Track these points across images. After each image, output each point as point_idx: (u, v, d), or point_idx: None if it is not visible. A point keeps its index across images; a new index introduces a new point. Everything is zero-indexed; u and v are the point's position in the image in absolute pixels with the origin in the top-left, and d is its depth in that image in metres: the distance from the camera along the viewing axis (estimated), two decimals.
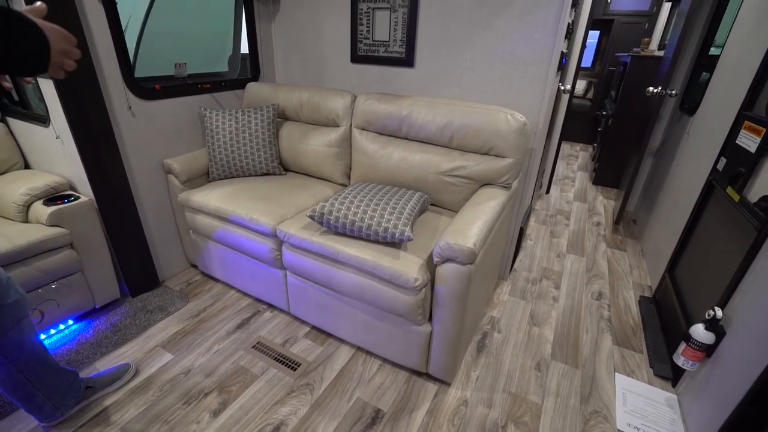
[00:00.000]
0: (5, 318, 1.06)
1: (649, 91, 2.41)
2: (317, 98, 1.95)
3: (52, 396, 1.25)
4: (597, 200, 3.34)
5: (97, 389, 1.39)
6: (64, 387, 1.28)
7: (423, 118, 1.68)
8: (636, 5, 4.67)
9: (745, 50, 1.76)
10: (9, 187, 1.66)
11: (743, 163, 1.45)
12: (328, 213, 1.41)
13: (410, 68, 1.95)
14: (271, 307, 1.87)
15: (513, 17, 1.66)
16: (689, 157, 2.14)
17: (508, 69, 1.74)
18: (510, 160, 1.56)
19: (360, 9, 1.97)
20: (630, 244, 2.62)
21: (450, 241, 1.20)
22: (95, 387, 1.39)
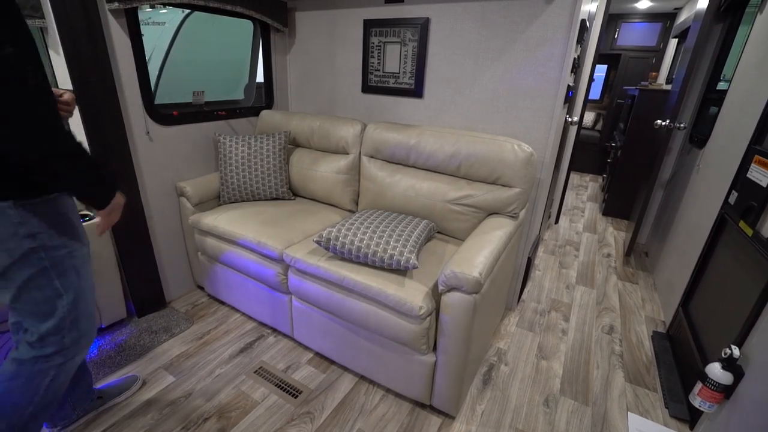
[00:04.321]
0: None
1: (658, 124, 2.43)
2: (328, 126, 2.01)
3: (73, 395, 1.26)
4: (607, 231, 3.30)
5: (106, 399, 1.39)
6: (84, 389, 1.29)
7: (431, 147, 1.71)
8: (642, 41, 4.77)
9: (752, 85, 1.78)
10: None
11: (755, 198, 1.44)
12: (335, 239, 1.42)
13: (419, 99, 2.00)
14: (275, 331, 1.86)
15: (520, 52, 1.71)
16: (700, 190, 2.12)
17: (516, 101, 1.77)
18: (517, 190, 1.56)
19: (371, 42, 2.05)
20: (642, 276, 2.56)
21: (455, 269, 1.19)
22: (104, 397, 1.39)
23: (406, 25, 1.92)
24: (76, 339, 1.04)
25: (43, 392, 1.01)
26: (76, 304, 1.01)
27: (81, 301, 1.02)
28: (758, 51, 1.82)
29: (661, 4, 4.20)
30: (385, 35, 2.00)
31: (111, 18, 1.54)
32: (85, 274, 1.03)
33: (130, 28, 1.61)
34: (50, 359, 1.01)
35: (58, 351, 1.01)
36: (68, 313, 1.00)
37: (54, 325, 0.98)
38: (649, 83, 3.97)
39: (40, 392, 1.01)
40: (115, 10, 1.54)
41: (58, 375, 1.03)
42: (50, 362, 1.01)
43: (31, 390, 0.99)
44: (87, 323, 1.06)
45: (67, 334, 1.02)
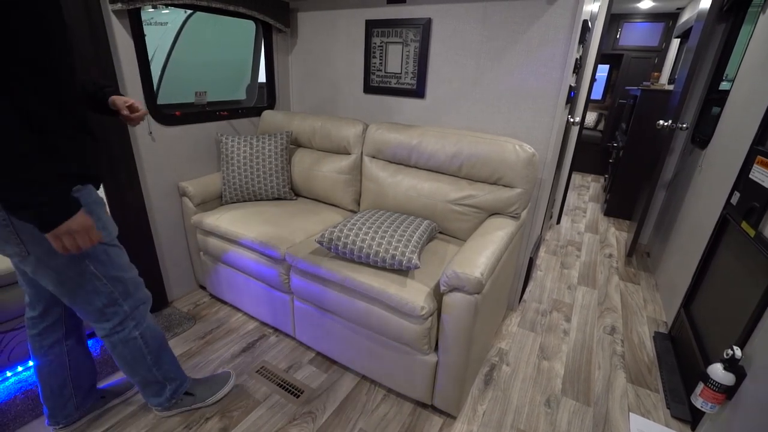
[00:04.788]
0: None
1: (660, 125, 2.42)
2: (329, 126, 2.01)
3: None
4: (609, 232, 3.30)
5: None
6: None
7: (432, 147, 1.71)
8: (645, 41, 4.76)
9: (754, 85, 1.78)
10: None
11: (757, 198, 1.43)
12: (337, 239, 1.42)
13: (421, 99, 2.00)
14: (277, 331, 1.86)
15: (522, 52, 1.71)
16: (702, 190, 2.12)
17: (517, 101, 1.77)
18: (518, 190, 1.56)
19: (374, 43, 2.05)
20: (643, 277, 2.56)
21: (457, 269, 1.20)
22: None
23: (408, 26, 1.92)
24: (134, 305, 1.16)
25: (143, 345, 1.19)
26: (117, 275, 1.09)
27: (121, 272, 1.10)
28: (761, 51, 1.81)
29: (663, 4, 4.19)
30: (387, 35, 2.00)
31: (114, 18, 1.55)
32: (113, 254, 1.08)
33: (133, 29, 1.61)
34: (123, 326, 1.14)
35: (125, 318, 1.14)
36: (113, 285, 1.08)
37: (105, 300, 1.08)
38: (651, 83, 3.96)
39: (141, 346, 1.18)
40: (118, 11, 1.55)
41: (142, 332, 1.18)
42: (126, 327, 1.14)
43: (134, 348, 1.17)
44: (137, 290, 1.16)
45: (124, 302, 1.12)
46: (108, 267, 1.07)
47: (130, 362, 1.21)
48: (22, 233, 0.92)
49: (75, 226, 0.85)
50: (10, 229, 0.91)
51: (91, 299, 1.06)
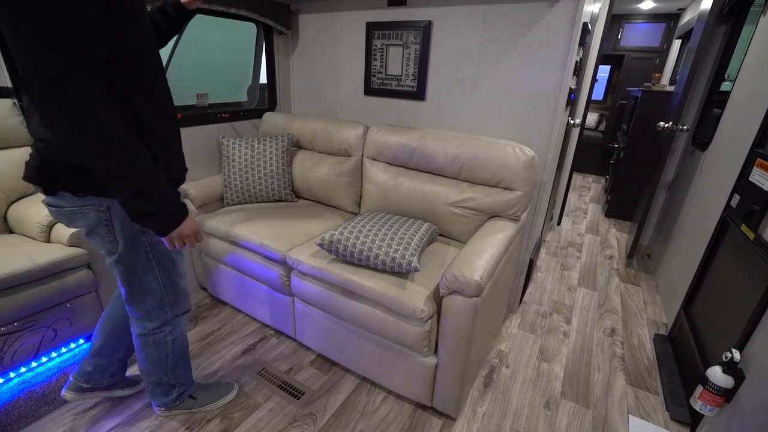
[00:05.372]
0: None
1: (660, 126, 2.42)
2: (330, 128, 2.02)
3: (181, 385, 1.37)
4: (610, 233, 3.30)
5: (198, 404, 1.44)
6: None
7: (433, 149, 1.72)
8: (646, 42, 4.75)
9: (755, 87, 1.78)
10: (35, 208, 1.74)
11: (757, 201, 1.44)
12: (337, 241, 1.43)
13: (422, 101, 2.01)
14: (278, 333, 1.87)
15: (522, 54, 1.72)
16: (703, 192, 2.12)
17: (518, 103, 1.78)
18: (518, 193, 1.57)
19: (374, 45, 2.06)
20: (644, 278, 2.56)
21: (456, 272, 1.20)
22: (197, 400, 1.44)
23: (409, 28, 1.93)
24: (177, 313, 1.23)
25: (171, 350, 1.25)
26: (173, 284, 1.17)
27: (177, 282, 1.18)
28: (762, 52, 1.81)
29: (664, 4, 4.19)
30: (387, 38, 2.01)
31: None
32: (178, 263, 1.17)
33: None
34: (161, 329, 1.21)
35: (165, 323, 1.20)
36: (166, 294, 1.16)
37: (156, 303, 1.16)
38: (652, 84, 3.96)
39: (169, 351, 1.25)
40: None
41: (174, 338, 1.25)
42: (162, 332, 1.21)
43: (162, 351, 1.24)
44: (184, 299, 1.24)
45: (170, 310, 1.20)
46: (170, 273, 1.15)
47: (153, 362, 1.25)
48: (117, 233, 1.02)
49: (186, 230, 0.97)
50: (108, 229, 1.00)
51: (145, 298, 1.14)
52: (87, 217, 0.99)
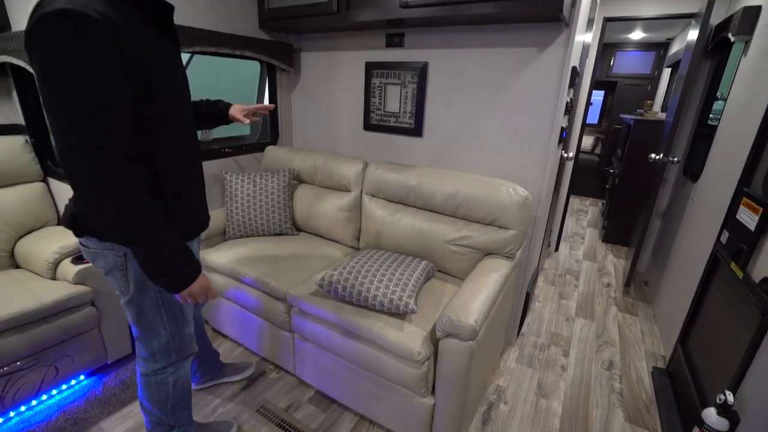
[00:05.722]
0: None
1: (652, 158, 2.49)
2: (330, 164, 2.08)
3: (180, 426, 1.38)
4: (607, 259, 3.33)
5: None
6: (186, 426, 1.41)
7: (430, 188, 1.77)
8: (637, 69, 4.89)
9: (739, 126, 1.84)
10: (42, 244, 1.78)
11: (744, 240, 1.47)
12: (336, 282, 1.47)
13: (419, 137, 2.07)
14: (278, 368, 1.88)
15: (514, 96, 1.79)
16: (694, 223, 2.16)
17: (512, 142, 1.84)
18: (513, 232, 1.61)
19: (373, 83, 2.14)
20: (641, 307, 2.58)
21: (452, 316, 1.23)
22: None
23: (406, 68, 2.01)
24: (181, 357, 1.25)
25: (172, 390, 1.27)
26: (180, 330, 1.21)
27: (183, 329, 1.22)
28: (744, 93, 1.89)
29: (653, 35, 4.33)
30: (385, 77, 2.09)
31: None
32: (186, 310, 1.21)
33: None
34: (164, 371, 1.23)
35: (168, 365, 1.23)
36: (172, 339, 1.20)
37: (162, 346, 1.19)
38: (644, 111, 4.06)
39: (169, 391, 1.27)
40: None
41: (176, 380, 1.27)
42: (165, 372, 1.24)
43: (163, 392, 1.26)
44: (189, 345, 1.27)
45: (174, 353, 1.23)
46: (178, 319, 1.19)
47: (153, 402, 1.28)
48: (130, 277, 1.07)
49: (196, 289, 1.00)
50: (123, 272, 1.07)
51: (152, 339, 1.18)
52: (106, 260, 1.06)
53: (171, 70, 1.00)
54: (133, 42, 0.85)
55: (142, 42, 0.88)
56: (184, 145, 1.07)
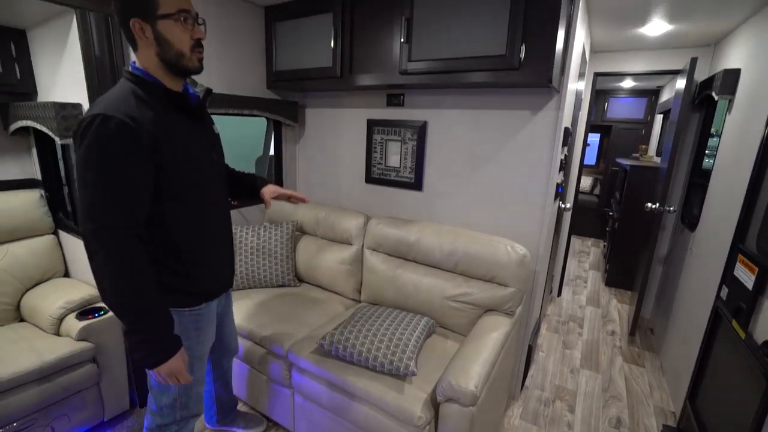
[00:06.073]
0: None
1: (648, 207, 2.53)
2: (333, 217, 2.14)
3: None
4: (611, 304, 3.30)
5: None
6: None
7: (429, 244, 1.81)
8: (631, 114, 5.06)
9: (730, 181, 1.89)
10: (48, 299, 1.81)
11: (743, 299, 1.48)
12: (337, 341, 1.47)
13: (419, 191, 2.14)
14: (276, 424, 1.84)
15: (511, 154, 1.86)
16: (695, 273, 2.17)
17: (509, 198, 1.89)
18: (512, 290, 1.63)
19: (374, 139, 2.24)
20: (648, 358, 2.53)
21: (452, 381, 1.23)
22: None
23: (406, 126, 2.11)
24: (186, 416, 1.28)
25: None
26: (187, 389, 1.24)
27: (191, 387, 1.25)
28: (732, 149, 1.96)
29: (643, 83, 4.51)
30: (386, 133, 2.19)
31: None
32: (198, 369, 1.26)
33: None
34: (168, 428, 1.26)
35: (172, 422, 1.26)
36: (179, 396, 1.24)
37: (169, 402, 1.23)
38: (640, 155, 4.17)
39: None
40: None
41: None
42: (169, 430, 1.27)
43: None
44: (195, 405, 1.30)
45: (179, 411, 1.25)
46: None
47: None
48: None
49: (166, 370, 1.04)
50: None
51: (161, 394, 1.22)
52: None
53: (194, 149, 1.11)
54: (158, 134, 0.98)
55: (167, 130, 1.02)
56: (203, 214, 1.16)
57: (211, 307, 1.26)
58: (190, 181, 1.10)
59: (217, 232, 1.24)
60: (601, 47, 2.91)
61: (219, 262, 1.26)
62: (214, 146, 1.23)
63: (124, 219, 0.95)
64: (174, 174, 1.04)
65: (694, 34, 2.40)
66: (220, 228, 1.26)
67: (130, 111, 0.95)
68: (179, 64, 1.04)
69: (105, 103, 0.95)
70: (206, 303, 1.22)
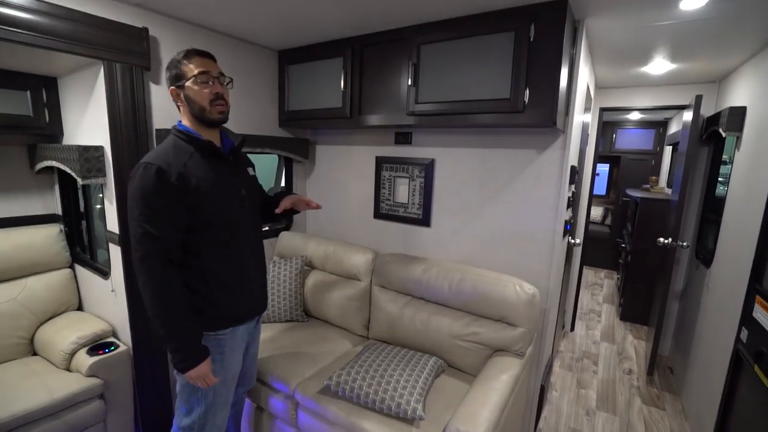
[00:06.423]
0: None
1: (660, 242, 2.50)
2: (341, 253, 2.16)
3: None
4: (627, 340, 3.20)
5: None
6: None
7: (437, 282, 1.81)
8: (639, 145, 5.06)
9: (743, 215, 1.86)
10: (61, 334, 1.84)
11: (764, 343, 1.43)
12: (344, 383, 1.46)
13: (427, 227, 2.16)
14: None
15: (517, 192, 1.87)
16: (713, 311, 2.11)
17: (517, 235, 1.89)
18: (521, 330, 1.61)
19: (383, 176, 2.28)
20: (669, 400, 2.42)
21: (460, 428, 1.20)
22: None
23: (414, 164, 2.15)
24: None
25: None
26: (206, 413, 1.31)
27: (210, 413, 1.32)
28: (743, 185, 1.94)
29: (651, 115, 4.55)
30: (394, 170, 2.23)
31: None
32: (219, 394, 1.33)
33: None
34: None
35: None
36: (199, 419, 1.31)
37: (189, 424, 1.31)
38: (650, 186, 4.14)
39: None
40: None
41: None
42: None
43: None
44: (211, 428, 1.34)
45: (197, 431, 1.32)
46: (208, 400, 1.31)
47: None
48: None
49: (194, 374, 1.18)
50: None
51: (183, 414, 1.32)
52: None
53: (222, 187, 1.25)
54: (187, 175, 1.16)
55: (196, 171, 1.19)
56: (229, 245, 1.29)
57: (236, 334, 1.33)
58: (216, 214, 1.24)
59: (244, 262, 1.34)
60: (606, 84, 2.97)
61: (244, 290, 1.34)
62: (245, 185, 1.35)
63: (159, 248, 1.13)
64: (202, 207, 1.20)
65: (698, 72, 2.44)
66: (247, 258, 1.35)
67: (168, 159, 1.16)
68: (203, 117, 1.22)
69: (152, 154, 1.18)
70: (230, 329, 1.31)
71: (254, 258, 1.40)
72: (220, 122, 1.27)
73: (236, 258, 1.31)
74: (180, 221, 1.17)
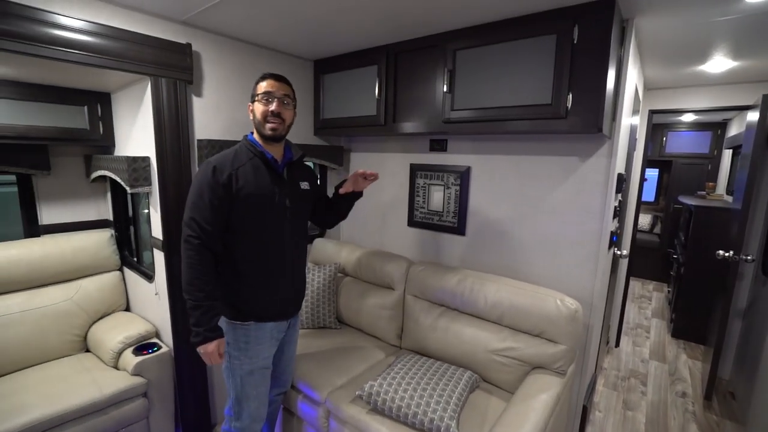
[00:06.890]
0: None
1: (720, 255, 2.29)
2: (375, 261, 2.14)
3: None
4: (680, 360, 2.96)
5: None
6: None
7: (472, 294, 1.75)
8: (693, 148, 4.70)
9: None
10: (110, 333, 1.95)
11: None
12: (376, 394, 1.44)
13: (462, 236, 2.10)
14: None
15: (559, 201, 1.78)
16: None
17: (558, 246, 1.80)
18: (563, 347, 1.52)
19: (417, 183, 2.25)
20: (729, 428, 2.21)
21: None
22: None
23: (449, 171, 2.11)
24: (240, 428, 1.46)
25: None
26: (239, 401, 1.44)
27: (243, 401, 1.44)
28: None
29: (707, 117, 4.22)
30: (429, 178, 2.20)
31: None
32: (247, 383, 1.43)
33: None
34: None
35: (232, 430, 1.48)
36: (233, 405, 1.46)
37: (229, 406, 1.48)
38: (707, 193, 3.83)
39: None
40: None
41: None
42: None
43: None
44: (249, 420, 1.46)
45: (235, 422, 1.47)
46: (237, 388, 1.43)
47: None
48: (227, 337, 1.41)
49: (203, 350, 1.32)
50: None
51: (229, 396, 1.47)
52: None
53: (267, 194, 1.36)
54: (237, 176, 1.31)
55: (246, 176, 1.33)
56: (262, 246, 1.38)
57: (262, 329, 1.42)
58: (255, 217, 1.36)
59: (277, 264, 1.42)
60: (656, 84, 2.79)
61: (271, 290, 1.42)
62: (292, 197, 1.44)
63: (200, 233, 1.28)
64: (240, 208, 1.33)
65: (763, 69, 2.23)
66: (282, 262, 1.43)
67: (227, 161, 1.33)
68: (260, 131, 1.38)
69: (217, 156, 1.36)
70: (255, 323, 1.40)
71: (292, 265, 1.47)
72: (272, 138, 1.38)
73: (267, 259, 1.40)
74: (222, 215, 1.31)
